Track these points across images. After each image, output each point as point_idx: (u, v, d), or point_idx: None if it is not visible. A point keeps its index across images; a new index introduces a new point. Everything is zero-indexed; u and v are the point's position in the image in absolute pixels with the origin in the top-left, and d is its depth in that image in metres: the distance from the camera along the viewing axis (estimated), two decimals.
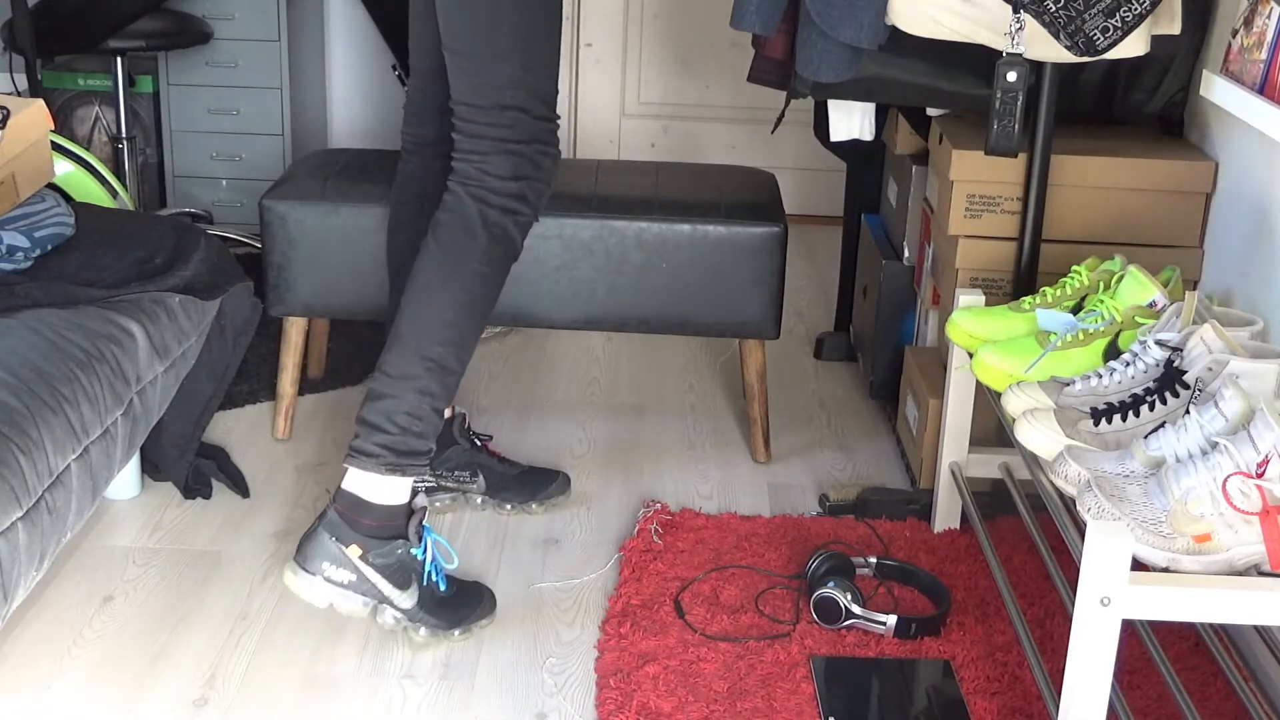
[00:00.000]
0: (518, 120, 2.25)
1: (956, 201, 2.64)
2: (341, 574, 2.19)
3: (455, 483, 2.68)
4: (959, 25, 2.33)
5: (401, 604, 2.23)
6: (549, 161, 2.30)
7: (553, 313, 2.87)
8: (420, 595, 2.25)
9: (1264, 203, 2.37)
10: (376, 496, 2.22)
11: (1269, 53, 2.23)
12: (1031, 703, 2.14)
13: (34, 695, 2.12)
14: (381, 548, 2.20)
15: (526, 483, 2.72)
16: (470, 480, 2.68)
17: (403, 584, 2.22)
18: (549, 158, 2.30)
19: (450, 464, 2.67)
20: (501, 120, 2.24)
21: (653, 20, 4.57)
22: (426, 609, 2.26)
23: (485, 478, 2.68)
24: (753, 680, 2.18)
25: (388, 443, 2.20)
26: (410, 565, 2.23)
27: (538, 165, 2.28)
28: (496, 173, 2.25)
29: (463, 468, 2.67)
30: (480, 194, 2.25)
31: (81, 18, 3.64)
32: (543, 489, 2.72)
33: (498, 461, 2.71)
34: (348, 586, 2.19)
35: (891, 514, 2.68)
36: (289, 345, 2.93)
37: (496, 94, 2.23)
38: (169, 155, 4.15)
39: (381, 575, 2.20)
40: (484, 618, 2.33)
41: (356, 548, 2.19)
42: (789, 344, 3.57)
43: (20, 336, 2.15)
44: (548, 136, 2.29)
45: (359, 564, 2.19)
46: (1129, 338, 2.16)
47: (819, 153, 3.54)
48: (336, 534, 2.20)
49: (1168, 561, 1.71)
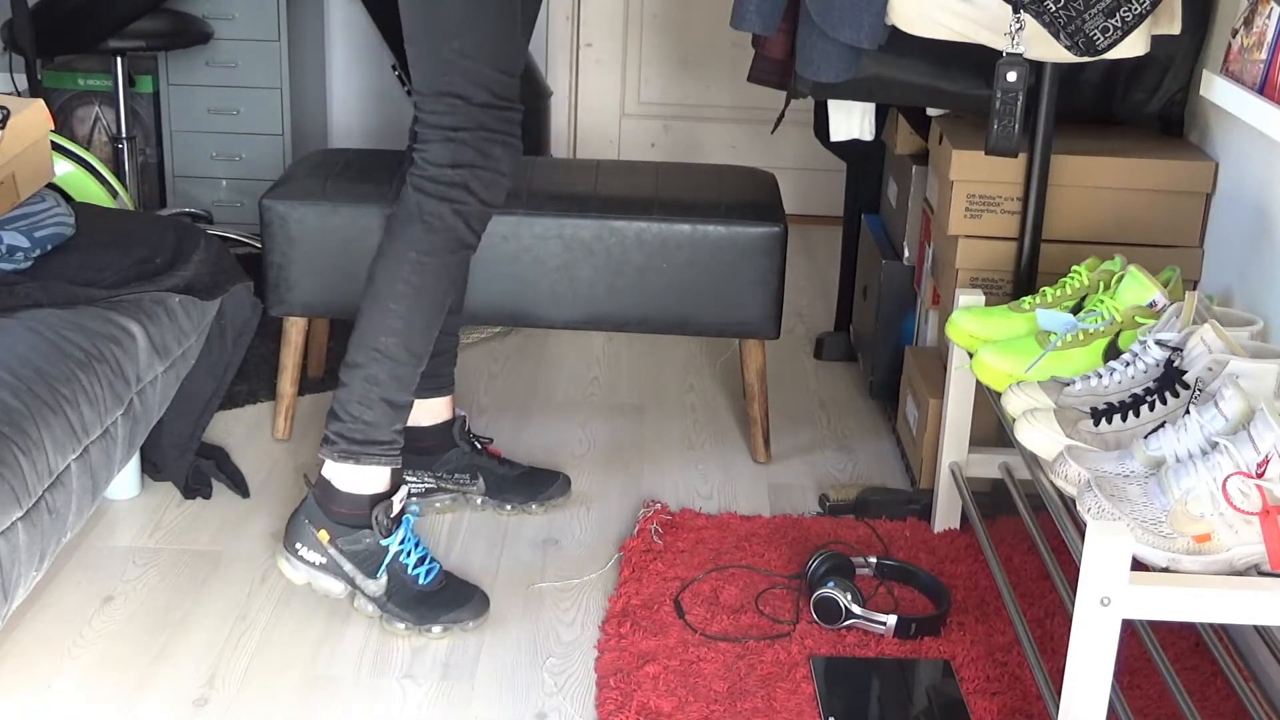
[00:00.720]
0: (454, 107, 2.23)
1: (956, 201, 2.64)
2: (313, 555, 2.31)
3: (455, 485, 2.68)
4: (959, 25, 2.33)
5: (369, 591, 2.30)
6: (500, 150, 2.25)
7: (553, 313, 2.87)
8: (390, 586, 2.29)
9: (1264, 203, 2.37)
10: (343, 484, 2.31)
11: (1269, 53, 2.23)
12: (1031, 703, 2.14)
13: (34, 695, 2.12)
14: (349, 535, 2.29)
15: (527, 484, 2.72)
16: (470, 482, 2.68)
17: (370, 572, 2.29)
18: (501, 145, 2.25)
19: (450, 466, 2.67)
20: (439, 107, 2.23)
21: (653, 20, 4.57)
22: (396, 601, 2.29)
23: (485, 480, 2.68)
24: (753, 680, 2.18)
25: (341, 430, 2.29)
26: (378, 555, 2.28)
27: (485, 154, 2.24)
28: (435, 160, 2.24)
29: (462, 470, 2.67)
30: (419, 182, 2.25)
31: (81, 18, 3.64)
32: (542, 490, 2.72)
33: (498, 463, 2.71)
34: (319, 568, 2.31)
35: (891, 514, 2.68)
36: (289, 345, 2.93)
37: (435, 80, 2.22)
38: (169, 155, 4.14)
39: (349, 561, 2.30)
40: (468, 619, 2.32)
41: (325, 532, 2.30)
42: (789, 344, 3.57)
43: (20, 336, 2.15)
44: (497, 124, 2.24)
45: (327, 547, 2.30)
46: (1129, 338, 2.16)
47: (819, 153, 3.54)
48: (310, 517, 2.32)
49: (1168, 561, 1.71)
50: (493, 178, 2.26)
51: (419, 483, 2.67)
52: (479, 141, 2.24)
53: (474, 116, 2.23)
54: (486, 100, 2.23)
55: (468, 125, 2.23)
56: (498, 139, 2.25)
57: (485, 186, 2.26)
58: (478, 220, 2.28)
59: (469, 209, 2.26)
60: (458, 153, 2.24)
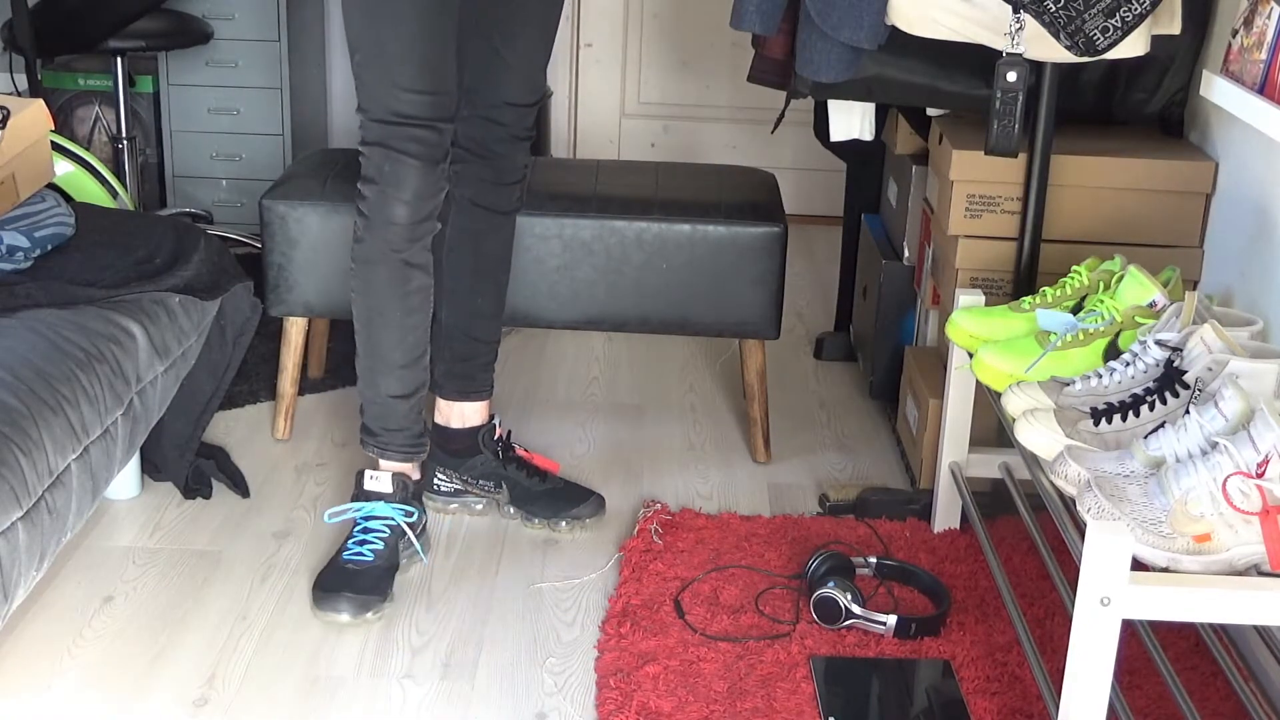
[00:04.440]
0: (361, 121, 2.27)
1: (956, 201, 2.64)
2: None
3: (480, 491, 2.67)
4: (959, 25, 2.33)
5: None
6: (391, 166, 2.24)
7: (553, 313, 2.87)
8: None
9: (1264, 203, 2.37)
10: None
11: (1269, 53, 2.23)
12: (1031, 703, 2.14)
13: (34, 695, 2.12)
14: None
15: (553, 499, 2.65)
16: (495, 490, 2.66)
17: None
18: (395, 164, 2.24)
19: (475, 472, 2.66)
20: (359, 119, 2.29)
21: (653, 20, 4.57)
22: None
23: (510, 490, 2.65)
24: (753, 680, 2.18)
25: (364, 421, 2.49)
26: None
27: (381, 170, 2.26)
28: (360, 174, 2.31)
29: (488, 478, 2.66)
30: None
31: (81, 18, 3.64)
32: (569, 508, 2.64)
33: (525, 475, 2.65)
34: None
35: (891, 514, 2.68)
36: (289, 345, 2.93)
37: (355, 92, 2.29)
38: (169, 155, 4.14)
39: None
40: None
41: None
42: (789, 344, 3.57)
43: (20, 336, 2.15)
44: (400, 142, 2.23)
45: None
46: (1129, 338, 2.16)
47: (819, 153, 3.54)
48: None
49: (1168, 561, 1.71)
50: (386, 195, 2.26)
51: (448, 482, 2.67)
52: (379, 157, 2.25)
53: (374, 131, 2.25)
54: (385, 117, 2.23)
55: (369, 139, 2.26)
56: (393, 155, 2.24)
57: (380, 204, 2.27)
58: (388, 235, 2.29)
59: (370, 223, 2.30)
60: (363, 166, 2.29)
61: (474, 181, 2.53)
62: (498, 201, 2.56)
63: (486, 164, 2.52)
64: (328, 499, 2.71)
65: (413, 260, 2.33)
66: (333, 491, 2.75)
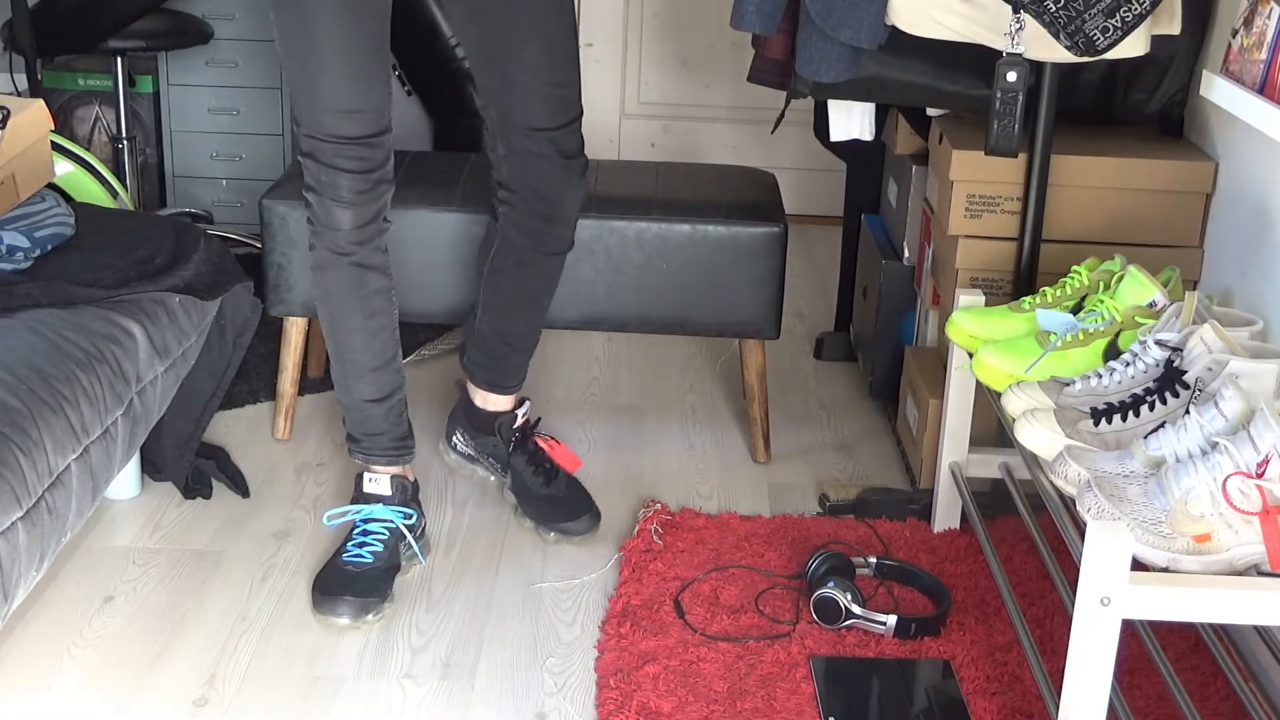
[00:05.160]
0: (296, 131, 2.33)
1: (956, 201, 2.64)
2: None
3: (488, 466, 2.69)
4: (959, 25, 2.33)
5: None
6: (327, 176, 2.28)
7: (553, 313, 2.86)
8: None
9: (1264, 203, 2.37)
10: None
11: (1269, 53, 2.23)
12: (1031, 703, 2.14)
13: (34, 695, 2.12)
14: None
15: (551, 506, 2.62)
16: (501, 473, 2.68)
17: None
18: (329, 174, 2.28)
19: (487, 450, 2.68)
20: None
21: (653, 20, 4.57)
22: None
23: (513, 480, 2.66)
24: (753, 680, 2.18)
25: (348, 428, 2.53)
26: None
27: (318, 179, 2.30)
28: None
29: (497, 459, 2.67)
30: None
31: (81, 18, 3.64)
32: (560, 521, 2.61)
33: (532, 471, 2.63)
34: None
35: (891, 514, 2.68)
36: (289, 345, 2.93)
37: None
38: (169, 155, 4.14)
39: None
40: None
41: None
42: (789, 344, 3.57)
43: (20, 336, 2.15)
44: (320, 153, 2.27)
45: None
46: (1129, 338, 2.16)
47: (819, 153, 3.54)
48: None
49: (1168, 561, 1.71)
50: (325, 203, 2.31)
51: (464, 445, 2.71)
52: (314, 167, 2.30)
53: (306, 144, 2.30)
54: (313, 132, 2.28)
55: (303, 150, 2.31)
56: (330, 170, 2.28)
57: (322, 210, 2.32)
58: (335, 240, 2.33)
59: (316, 230, 2.35)
60: (305, 173, 2.33)
61: (520, 221, 2.48)
62: (545, 243, 2.51)
63: (533, 204, 2.46)
64: (328, 499, 2.71)
65: (365, 262, 2.35)
66: (332, 492, 2.75)
